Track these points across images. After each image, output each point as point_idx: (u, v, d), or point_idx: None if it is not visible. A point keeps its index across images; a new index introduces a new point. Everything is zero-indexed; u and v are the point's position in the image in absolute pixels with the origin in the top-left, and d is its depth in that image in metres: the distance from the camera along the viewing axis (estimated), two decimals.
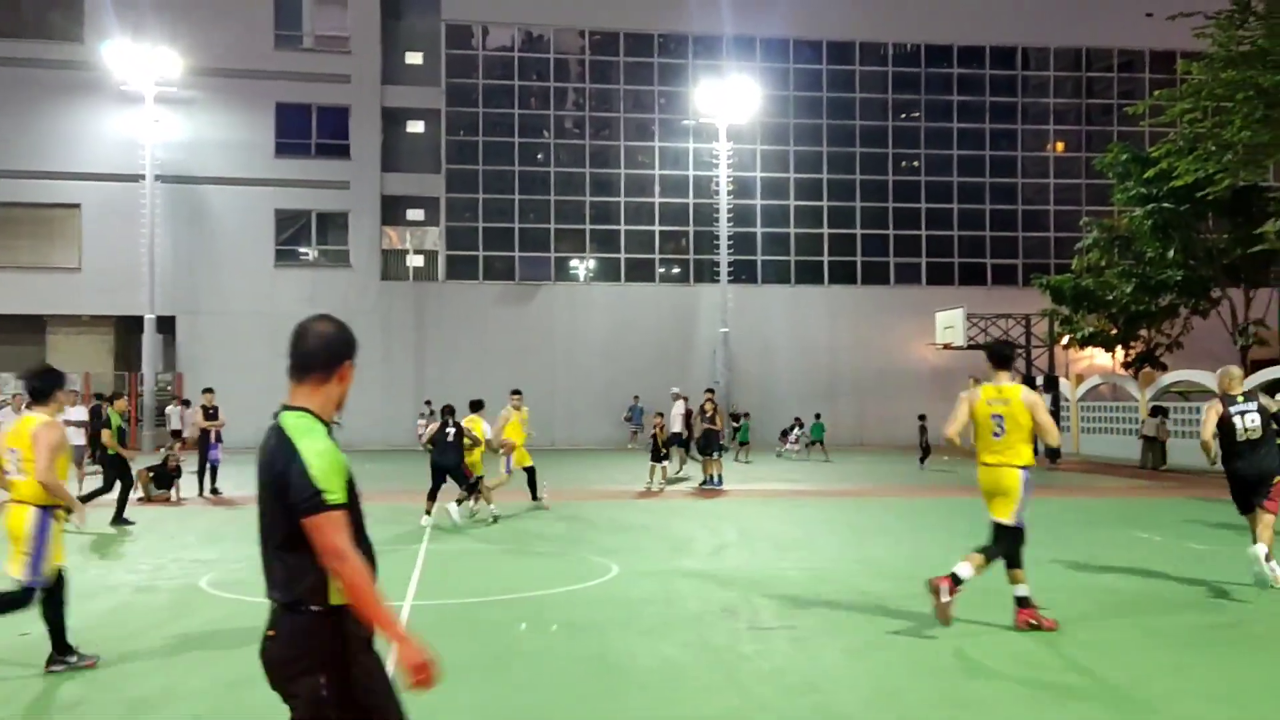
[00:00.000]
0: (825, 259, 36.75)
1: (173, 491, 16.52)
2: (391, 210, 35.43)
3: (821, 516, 14.86)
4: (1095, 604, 8.37)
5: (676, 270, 36.69)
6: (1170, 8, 25.54)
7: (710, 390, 20.72)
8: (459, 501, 13.84)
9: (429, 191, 35.41)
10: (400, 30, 35.73)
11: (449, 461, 13.60)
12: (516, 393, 15.93)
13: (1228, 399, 8.89)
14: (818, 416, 28.31)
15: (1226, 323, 27.73)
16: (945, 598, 6.99)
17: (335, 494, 2.84)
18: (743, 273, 35.60)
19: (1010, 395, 7.32)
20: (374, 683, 2.95)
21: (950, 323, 27.23)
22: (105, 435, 14.11)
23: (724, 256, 33.46)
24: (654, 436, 18.86)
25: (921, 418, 24.75)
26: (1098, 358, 33.03)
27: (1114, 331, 28.49)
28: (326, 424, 3.00)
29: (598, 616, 7.92)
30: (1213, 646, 7.03)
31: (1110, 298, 27.48)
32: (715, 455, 18.88)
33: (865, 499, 17.55)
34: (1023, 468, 7.28)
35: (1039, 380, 26.70)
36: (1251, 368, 24.72)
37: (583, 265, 36.24)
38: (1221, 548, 11.31)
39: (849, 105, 37.11)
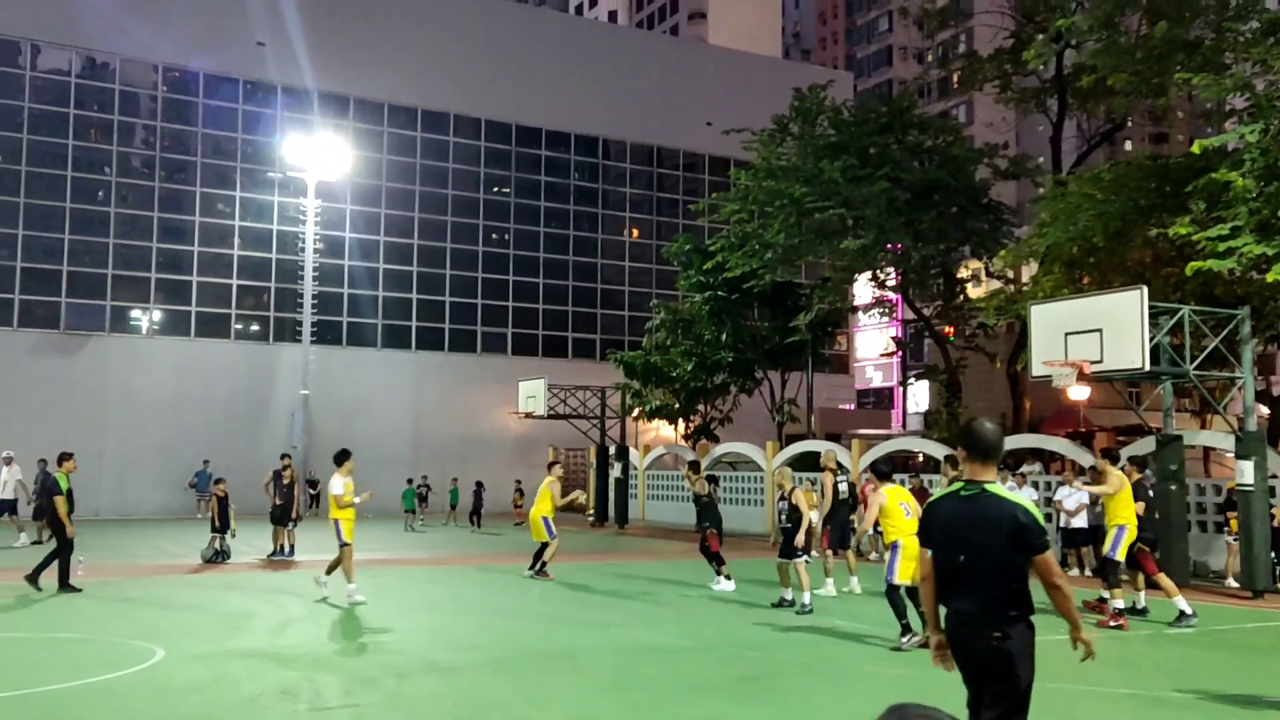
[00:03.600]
0: (413, 324, 36.61)
1: None
2: None
3: (397, 586, 14.54)
4: (643, 660, 8.95)
5: (255, 327, 34.57)
6: (727, 121, 29.18)
7: (287, 455, 19.63)
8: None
9: None
10: None
11: None
12: None
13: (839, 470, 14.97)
14: (410, 482, 27.98)
15: (766, 401, 31.51)
16: (1118, 621, 10.75)
17: (1048, 536, 4.18)
18: (327, 333, 34.40)
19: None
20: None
21: (533, 392, 28.18)
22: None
23: (307, 315, 32.09)
24: (219, 504, 17.37)
25: (479, 483, 28.40)
26: (663, 429, 35.92)
27: (677, 405, 31.21)
28: None
29: (133, 709, 7.08)
30: (743, 698, 7.79)
31: (674, 374, 30.12)
32: (290, 525, 17.90)
33: (444, 567, 17.46)
34: None
35: (612, 450, 28.42)
36: (786, 441, 28.24)
37: (146, 316, 32.93)
38: (755, 603, 12.65)
39: (442, 174, 37.64)
